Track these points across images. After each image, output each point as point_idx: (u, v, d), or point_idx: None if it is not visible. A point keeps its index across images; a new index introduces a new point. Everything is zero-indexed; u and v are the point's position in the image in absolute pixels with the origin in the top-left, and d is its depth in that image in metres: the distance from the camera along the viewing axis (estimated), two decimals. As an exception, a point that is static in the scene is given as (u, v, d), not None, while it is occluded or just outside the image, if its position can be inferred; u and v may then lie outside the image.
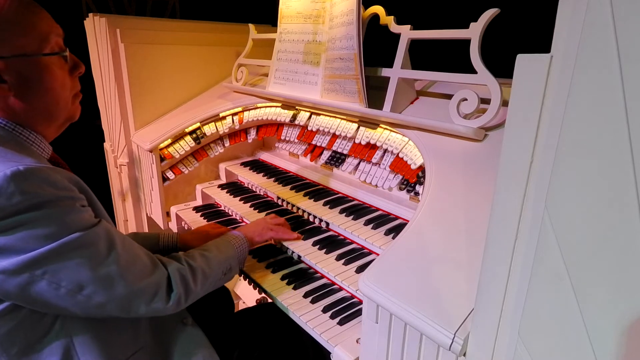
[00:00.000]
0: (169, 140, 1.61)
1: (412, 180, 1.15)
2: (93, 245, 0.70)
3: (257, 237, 1.17)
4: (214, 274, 0.96)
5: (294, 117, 1.51)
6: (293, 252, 1.20)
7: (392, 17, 1.13)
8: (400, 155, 1.17)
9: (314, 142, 1.48)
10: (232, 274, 1.06)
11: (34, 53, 0.73)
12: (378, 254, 1.13)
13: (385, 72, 1.15)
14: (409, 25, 1.09)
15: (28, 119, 0.76)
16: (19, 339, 0.71)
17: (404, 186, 1.24)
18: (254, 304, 1.83)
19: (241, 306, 2.04)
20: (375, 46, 1.23)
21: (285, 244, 1.23)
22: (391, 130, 1.21)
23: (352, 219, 1.23)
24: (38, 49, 0.73)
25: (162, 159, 1.61)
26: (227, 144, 1.76)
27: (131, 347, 0.86)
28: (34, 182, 0.64)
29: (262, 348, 1.14)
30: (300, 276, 1.16)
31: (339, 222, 1.23)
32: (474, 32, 0.94)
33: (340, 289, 1.11)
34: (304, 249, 1.19)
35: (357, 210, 1.28)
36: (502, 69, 0.85)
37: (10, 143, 0.72)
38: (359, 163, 1.38)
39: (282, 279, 1.15)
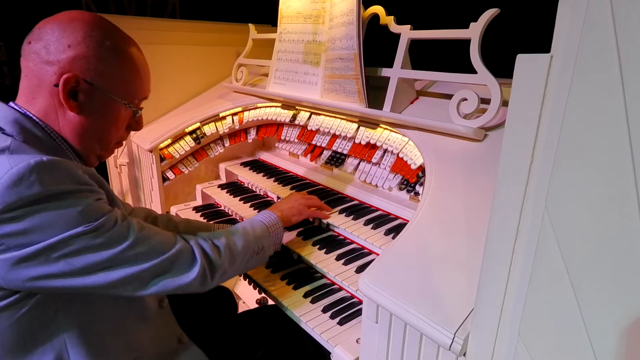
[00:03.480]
0: (169, 140, 1.61)
1: (412, 180, 1.15)
2: (108, 231, 0.72)
3: (295, 217, 1.14)
4: (242, 252, 0.93)
5: (294, 117, 1.51)
6: (293, 252, 1.20)
7: (392, 17, 1.13)
8: (400, 155, 1.17)
9: (314, 142, 1.48)
10: (265, 255, 1.02)
11: (117, 97, 0.81)
12: (378, 254, 1.13)
13: (385, 72, 1.15)
14: (409, 25, 1.09)
15: (72, 137, 0.80)
16: (14, 336, 0.72)
17: (404, 186, 1.24)
18: (254, 303, 1.83)
19: (241, 306, 2.03)
20: (375, 46, 1.23)
21: (286, 244, 1.23)
22: (391, 130, 1.21)
23: (352, 219, 1.23)
24: (122, 96, 0.82)
25: (162, 159, 1.61)
26: (227, 144, 1.76)
27: (126, 356, 0.84)
28: (54, 174, 0.67)
29: (264, 350, 1.13)
30: (300, 276, 1.16)
31: (339, 222, 1.22)
32: (474, 32, 0.94)
33: (340, 289, 1.11)
34: (303, 249, 1.19)
35: (357, 210, 1.28)
36: (502, 69, 0.85)
37: (42, 144, 0.75)
38: (359, 163, 1.38)
39: (282, 279, 1.15)
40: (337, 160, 1.45)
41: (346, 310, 1.02)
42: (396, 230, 1.15)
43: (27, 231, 0.65)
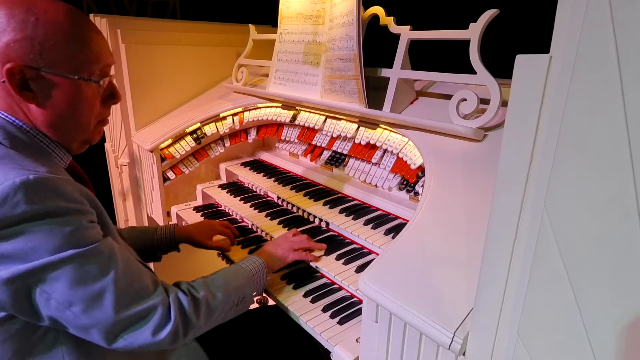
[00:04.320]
0: (170, 141, 1.61)
1: (411, 180, 1.16)
2: (91, 263, 0.68)
3: (278, 263, 1.09)
4: (221, 306, 0.87)
5: (294, 117, 1.52)
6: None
7: (392, 17, 1.13)
8: (400, 155, 1.18)
9: (314, 142, 1.49)
10: (247, 304, 0.97)
11: (69, 74, 0.72)
12: (378, 254, 1.13)
13: (385, 72, 1.15)
14: (409, 26, 1.09)
15: (48, 130, 0.75)
16: (10, 352, 0.69)
17: (403, 186, 1.24)
18: (255, 302, 1.84)
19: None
20: (375, 47, 1.24)
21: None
22: (391, 131, 1.21)
23: (352, 219, 1.23)
24: (75, 71, 0.72)
25: (162, 159, 1.61)
26: (227, 144, 1.76)
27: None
28: (41, 192, 0.63)
29: (263, 351, 1.14)
30: (300, 276, 1.16)
31: (338, 222, 1.23)
32: (473, 32, 0.95)
33: (340, 288, 1.11)
34: (304, 249, 1.19)
35: (356, 210, 1.28)
36: (502, 70, 0.85)
37: (30, 148, 0.72)
38: (359, 163, 1.38)
39: (282, 278, 1.15)
40: (337, 160, 1.45)
41: (346, 309, 1.02)
42: (396, 230, 1.15)
43: (12, 253, 0.62)
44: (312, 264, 1.14)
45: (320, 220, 1.29)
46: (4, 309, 0.66)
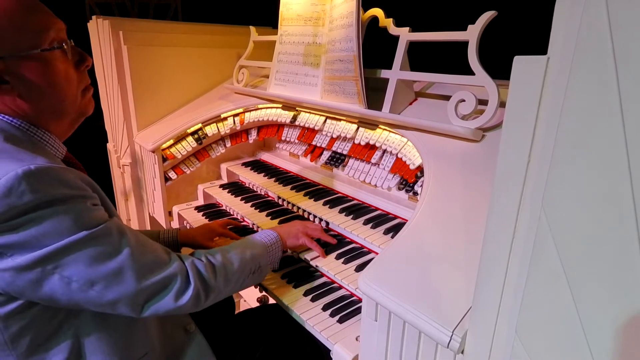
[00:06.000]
0: (171, 141, 1.62)
1: (410, 180, 1.16)
2: (104, 242, 0.70)
3: (291, 240, 1.13)
4: (238, 271, 0.92)
5: (294, 118, 1.52)
6: (293, 251, 1.21)
7: (391, 19, 1.14)
8: (399, 155, 1.18)
9: (314, 143, 1.49)
10: (263, 273, 1.02)
11: (30, 50, 0.71)
12: (377, 253, 1.14)
13: (384, 73, 1.15)
14: (408, 28, 1.10)
15: (38, 118, 0.76)
16: (28, 338, 0.71)
17: (402, 186, 1.25)
18: (255, 301, 1.84)
19: (242, 304, 2.04)
20: (375, 48, 1.24)
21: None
22: (390, 131, 1.22)
23: (352, 219, 1.24)
24: (34, 46, 0.72)
25: (164, 159, 1.62)
26: (228, 144, 1.77)
27: (140, 350, 0.86)
28: (45, 181, 0.65)
29: (264, 349, 1.14)
30: (300, 275, 1.17)
31: (338, 222, 1.23)
32: (471, 34, 0.95)
33: (340, 287, 1.12)
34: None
35: (356, 209, 1.28)
36: (500, 71, 0.86)
37: (25, 143, 0.72)
38: (358, 163, 1.39)
39: (282, 277, 1.16)
40: (336, 160, 1.46)
41: (346, 308, 1.03)
42: (395, 230, 1.16)
43: (24, 241, 0.64)
44: (312, 263, 1.14)
45: (320, 219, 1.30)
46: (22, 296, 0.68)
